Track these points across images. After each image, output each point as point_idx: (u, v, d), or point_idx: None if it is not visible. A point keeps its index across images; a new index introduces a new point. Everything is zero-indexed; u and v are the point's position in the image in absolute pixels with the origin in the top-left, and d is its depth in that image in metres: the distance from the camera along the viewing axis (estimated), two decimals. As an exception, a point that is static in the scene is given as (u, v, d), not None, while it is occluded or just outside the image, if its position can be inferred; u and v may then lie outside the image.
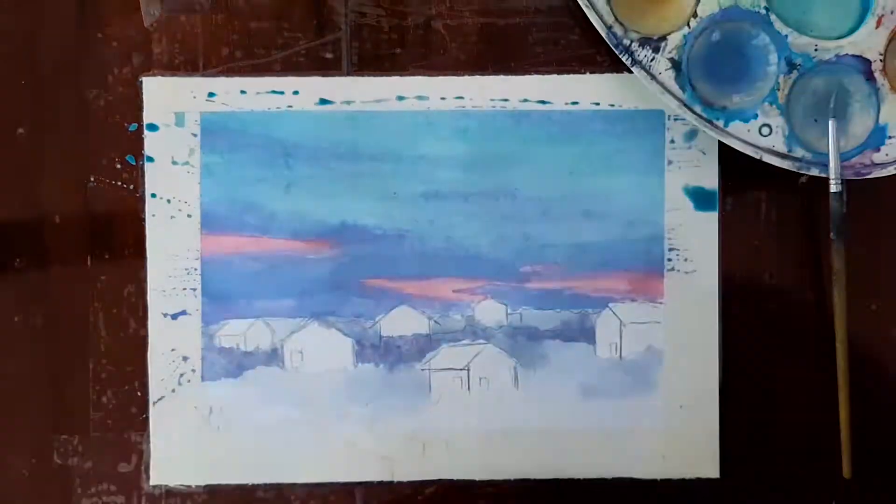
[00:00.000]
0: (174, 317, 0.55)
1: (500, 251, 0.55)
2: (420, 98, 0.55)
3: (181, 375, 0.55)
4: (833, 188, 0.52)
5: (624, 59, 0.53)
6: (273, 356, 0.55)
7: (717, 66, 0.53)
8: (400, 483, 0.56)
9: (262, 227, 0.55)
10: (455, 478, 0.56)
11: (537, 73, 0.55)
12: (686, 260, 0.55)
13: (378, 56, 0.55)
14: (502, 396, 0.56)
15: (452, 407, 0.55)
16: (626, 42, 0.53)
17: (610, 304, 0.55)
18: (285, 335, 0.55)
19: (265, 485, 0.56)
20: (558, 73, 0.55)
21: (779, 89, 0.53)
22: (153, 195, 0.55)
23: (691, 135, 0.55)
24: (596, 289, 0.55)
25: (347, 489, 0.56)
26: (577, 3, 0.53)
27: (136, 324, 0.55)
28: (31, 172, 0.55)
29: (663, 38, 0.53)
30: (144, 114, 0.55)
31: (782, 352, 0.56)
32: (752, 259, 0.56)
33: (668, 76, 0.53)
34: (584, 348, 0.55)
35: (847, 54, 0.53)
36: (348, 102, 0.55)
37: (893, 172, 0.53)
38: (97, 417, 0.55)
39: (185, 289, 0.55)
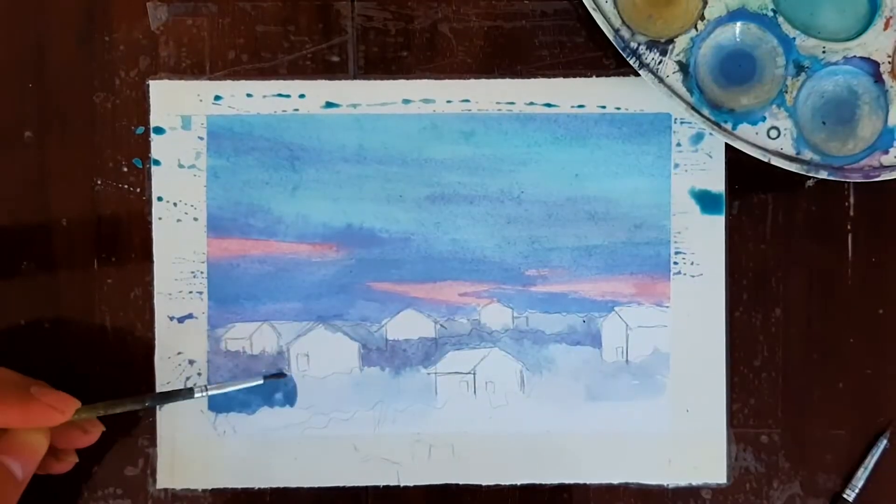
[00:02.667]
0: (180, 320, 0.55)
1: (506, 254, 0.55)
2: (426, 101, 0.55)
3: (187, 379, 0.55)
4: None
5: (631, 62, 0.52)
6: (279, 359, 0.55)
7: (724, 68, 0.53)
8: (406, 487, 0.56)
9: (269, 231, 0.55)
10: (461, 482, 0.56)
11: (543, 76, 0.55)
12: (692, 263, 0.55)
13: (384, 59, 0.55)
14: (508, 400, 0.55)
15: (458, 411, 0.55)
16: (634, 45, 0.53)
17: (616, 308, 0.55)
18: (291, 338, 0.55)
19: (271, 489, 0.56)
20: (564, 77, 0.55)
21: (787, 92, 0.53)
22: (160, 198, 0.55)
23: (698, 138, 0.55)
24: (602, 292, 0.55)
25: (353, 493, 0.56)
26: (584, 6, 0.53)
27: (143, 327, 0.55)
28: (38, 175, 0.55)
29: (671, 41, 0.53)
30: (151, 117, 0.55)
31: (789, 356, 0.56)
32: (759, 262, 0.55)
33: (675, 79, 0.53)
34: (590, 352, 0.55)
35: (855, 56, 0.52)
36: (354, 105, 0.55)
37: (902, 175, 0.53)
38: (103, 421, 0.55)
39: (191, 292, 0.55)
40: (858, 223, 0.55)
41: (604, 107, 0.55)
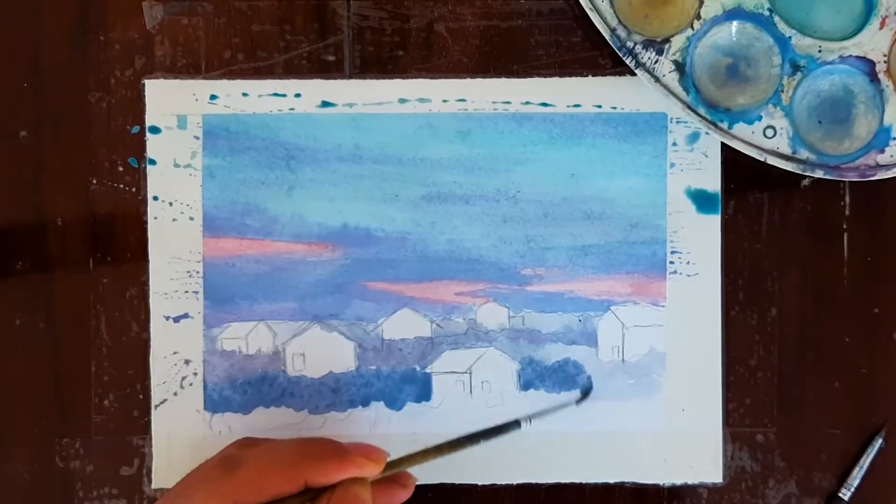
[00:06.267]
0: (176, 320, 0.55)
1: (502, 254, 0.55)
2: (422, 100, 0.55)
3: (183, 379, 0.55)
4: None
5: (627, 62, 0.52)
6: (275, 359, 0.55)
7: (720, 67, 0.53)
8: (402, 487, 0.56)
9: (264, 230, 0.55)
10: (457, 481, 0.56)
11: (539, 75, 0.55)
12: (688, 263, 0.55)
13: (380, 58, 0.55)
14: (504, 399, 0.55)
15: (454, 410, 0.55)
16: (630, 44, 0.53)
17: (612, 307, 0.55)
18: (287, 338, 0.55)
19: (267, 488, 0.55)
20: (560, 76, 0.55)
21: (783, 91, 0.53)
22: (155, 198, 0.55)
23: (694, 137, 0.55)
24: (598, 291, 0.55)
25: (349, 493, 0.56)
26: (580, 5, 0.53)
27: (138, 327, 0.55)
28: (33, 175, 0.55)
29: (667, 40, 0.53)
30: (146, 116, 0.55)
31: (785, 355, 0.56)
32: (755, 262, 0.55)
33: (671, 78, 0.53)
34: (586, 351, 0.55)
35: (851, 56, 0.52)
36: (350, 105, 0.55)
37: (898, 174, 0.53)
38: (99, 421, 0.55)
39: (186, 292, 0.55)
40: (854, 222, 0.55)
41: (600, 106, 0.55)
